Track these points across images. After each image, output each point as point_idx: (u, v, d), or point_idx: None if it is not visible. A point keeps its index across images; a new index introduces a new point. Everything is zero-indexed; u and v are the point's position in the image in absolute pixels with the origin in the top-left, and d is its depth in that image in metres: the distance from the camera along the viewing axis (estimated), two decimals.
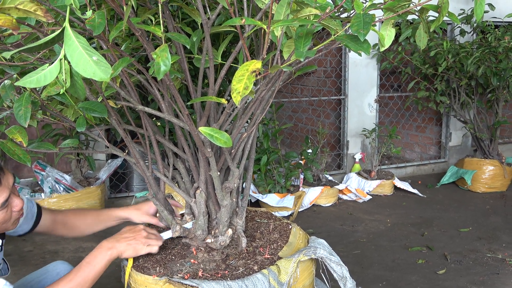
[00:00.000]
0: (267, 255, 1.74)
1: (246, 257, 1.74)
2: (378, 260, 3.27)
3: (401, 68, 5.32)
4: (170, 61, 1.09)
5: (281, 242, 1.84)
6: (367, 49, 1.04)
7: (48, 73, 0.95)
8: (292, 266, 1.62)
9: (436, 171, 5.87)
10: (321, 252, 1.72)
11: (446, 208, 4.46)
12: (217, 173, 1.65)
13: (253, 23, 1.03)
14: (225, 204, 1.72)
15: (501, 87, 4.81)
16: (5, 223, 1.43)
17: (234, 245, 1.81)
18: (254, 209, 2.19)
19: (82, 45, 0.91)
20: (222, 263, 1.71)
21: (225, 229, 1.77)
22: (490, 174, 4.96)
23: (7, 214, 1.42)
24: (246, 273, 1.62)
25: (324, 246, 1.79)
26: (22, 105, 1.38)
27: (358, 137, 5.35)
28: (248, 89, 0.96)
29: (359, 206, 4.55)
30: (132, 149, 1.77)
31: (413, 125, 6.38)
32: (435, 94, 5.18)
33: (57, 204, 3.72)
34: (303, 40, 1.07)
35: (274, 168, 4.32)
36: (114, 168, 4.10)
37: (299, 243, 1.85)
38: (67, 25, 0.90)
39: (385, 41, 1.34)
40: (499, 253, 3.37)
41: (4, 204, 1.40)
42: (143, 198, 4.45)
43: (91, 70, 0.91)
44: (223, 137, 1.21)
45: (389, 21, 1.31)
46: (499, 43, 4.47)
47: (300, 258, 1.66)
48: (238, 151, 1.72)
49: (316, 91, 6.30)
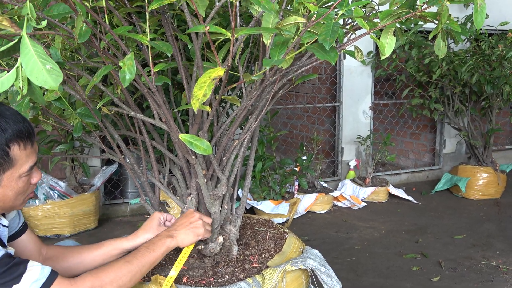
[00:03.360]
0: (255, 264, 1.72)
1: (234, 265, 1.73)
2: (372, 267, 3.27)
3: (396, 75, 5.35)
4: (135, 69, 1.11)
5: (274, 251, 1.82)
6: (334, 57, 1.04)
7: (5, 80, 0.99)
8: (276, 276, 1.59)
9: (431, 178, 5.88)
10: (310, 263, 1.69)
11: (440, 215, 4.47)
12: (203, 180, 1.65)
13: (217, 30, 1.04)
14: (214, 211, 1.72)
15: (495, 94, 4.84)
16: (20, 194, 1.38)
17: (227, 253, 1.81)
18: (256, 218, 2.18)
19: (38, 54, 0.95)
20: (210, 270, 1.70)
21: (215, 236, 1.77)
22: (484, 181, 4.98)
23: (26, 184, 1.38)
24: (231, 281, 1.61)
25: (317, 256, 1.77)
26: (21, 110, 1.44)
27: (353, 144, 5.36)
28: (206, 96, 0.96)
29: (353, 213, 4.56)
30: (128, 154, 1.77)
31: (407, 132, 6.40)
32: (429, 102, 5.21)
33: (51, 211, 3.71)
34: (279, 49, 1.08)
35: (269, 175, 4.32)
36: (109, 174, 4.09)
37: (292, 252, 1.83)
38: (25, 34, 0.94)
39: (385, 49, 1.32)
40: (493, 260, 3.38)
41: (31, 168, 1.37)
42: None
43: (42, 78, 0.96)
44: (203, 145, 1.21)
45: (389, 29, 1.30)
46: (492, 51, 4.50)
47: (286, 268, 1.63)
48: (230, 158, 1.72)
49: (311, 98, 6.32)
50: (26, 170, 1.35)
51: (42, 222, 3.73)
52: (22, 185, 1.37)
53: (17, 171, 1.33)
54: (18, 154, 1.31)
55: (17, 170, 1.33)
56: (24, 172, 1.35)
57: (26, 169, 1.35)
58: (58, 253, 1.64)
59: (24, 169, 1.35)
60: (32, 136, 1.35)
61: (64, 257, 1.64)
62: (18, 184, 1.36)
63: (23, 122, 1.32)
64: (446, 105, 5.20)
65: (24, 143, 1.32)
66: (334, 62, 1.05)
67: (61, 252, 1.65)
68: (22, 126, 1.31)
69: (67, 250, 1.66)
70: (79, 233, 3.88)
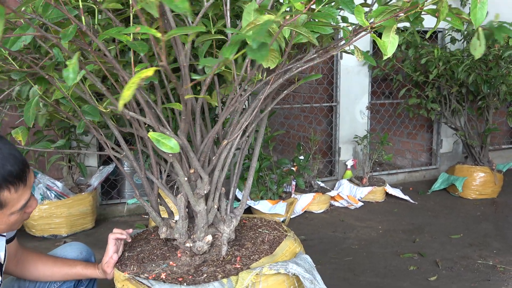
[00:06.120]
0: (237, 265, 1.71)
1: (219, 264, 1.73)
2: (370, 267, 3.28)
3: (393, 75, 5.35)
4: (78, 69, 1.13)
5: (265, 254, 1.79)
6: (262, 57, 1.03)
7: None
8: (249, 278, 1.57)
9: (427, 178, 5.89)
10: (294, 268, 1.65)
11: (437, 215, 4.48)
12: (184, 178, 1.66)
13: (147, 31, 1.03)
14: (199, 209, 1.73)
15: (492, 94, 4.85)
16: (14, 225, 1.38)
17: (217, 252, 1.81)
18: (268, 220, 2.13)
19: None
20: (193, 268, 1.71)
21: (203, 235, 1.77)
22: (481, 180, 4.99)
23: (20, 216, 1.38)
24: (207, 280, 1.60)
25: (306, 262, 1.73)
26: (30, 108, 1.53)
27: (350, 144, 5.36)
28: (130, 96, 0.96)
29: (350, 213, 4.56)
30: (127, 151, 1.78)
31: (404, 132, 6.41)
32: (426, 101, 5.21)
33: (48, 211, 3.70)
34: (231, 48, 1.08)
35: (266, 174, 4.32)
36: (106, 174, 4.09)
37: (283, 256, 1.79)
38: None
39: (387, 49, 1.26)
40: (490, 260, 3.38)
41: (24, 206, 1.35)
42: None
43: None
44: (170, 143, 1.21)
45: (390, 27, 1.25)
46: (489, 50, 4.51)
47: (263, 271, 1.60)
48: (220, 158, 1.72)
49: (308, 98, 6.32)
50: (18, 208, 1.34)
51: (39, 222, 3.72)
52: (15, 219, 1.36)
53: (9, 211, 1.32)
54: (8, 198, 1.29)
55: (8, 210, 1.32)
56: (16, 210, 1.34)
57: (18, 208, 1.34)
58: (31, 259, 1.73)
59: (16, 208, 1.33)
60: (24, 175, 1.32)
61: (36, 265, 1.72)
62: (10, 219, 1.35)
63: (14, 162, 1.28)
64: (443, 104, 5.21)
65: (15, 186, 1.29)
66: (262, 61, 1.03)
67: (35, 260, 1.74)
68: (13, 167, 1.27)
69: (40, 259, 1.75)
70: (76, 233, 3.87)
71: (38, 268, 1.72)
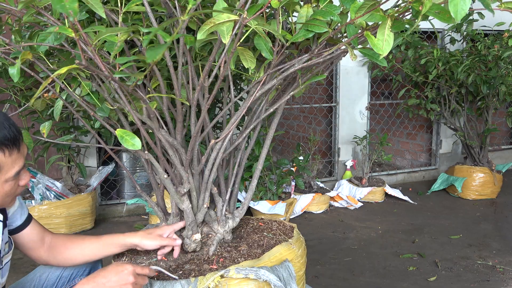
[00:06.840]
0: (214, 266, 1.69)
1: (200, 263, 1.72)
2: (369, 267, 3.28)
3: (392, 75, 5.36)
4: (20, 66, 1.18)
5: (252, 258, 1.74)
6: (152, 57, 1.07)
7: None
8: (212, 279, 1.54)
9: (427, 178, 5.90)
10: (265, 275, 1.59)
11: (437, 215, 4.48)
12: (163, 176, 1.68)
13: (63, 31, 1.07)
14: (183, 207, 1.74)
15: (491, 95, 4.85)
16: (8, 196, 1.39)
17: (206, 251, 1.81)
18: (283, 224, 2.08)
19: None
20: (176, 265, 1.72)
21: (190, 233, 1.77)
22: (480, 181, 5.00)
23: (14, 187, 1.39)
24: (179, 277, 1.60)
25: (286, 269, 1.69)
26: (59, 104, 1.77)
27: (349, 144, 5.36)
28: None
29: (350, 213, 4.56)
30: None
31: (403, 132, 6.41)
32: (425, 102, 5.22)
33: (48, 211, 3.70)
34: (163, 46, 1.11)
35: (265, 175, 4.32)
36: (105, 175, 4.09)
37: (269, 261, 1.72)
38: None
39: (382, 47, 1.18)
40: (489, 260, 3.38)
41: (18, 173, 1.37)
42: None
43: None
44: (133, 140, 1.24)
45: (385, 24, 1.18)
46: (488, 51, 4.51)
47: (230, 274, 1.57)
48: (210, 158, 1.72)
49: (307, 98, 6.32)
50: (12, 175, 1.35)
51: None
52: (8, 189, 1.37)
53: (3, 176, 1.34)
54: (3, 161, 1.31)
55: (2, 176, 1.33)
56: (10, 177, 1.35)
57: (12, 174, 1.35)
58: (61, 241, 1.69)
59: (10, 174, 1.34)
60: (18, 141, 1.35)
61: (66, 246, 1.68)
62: (4, 187, 1.36)
63: (9, 128, 1.31)
64: (442, 105, 5.22)
65: (9, 149, 1.31)
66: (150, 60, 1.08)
67: (64, 241, 1.69)
68: (8, 132, 1.30)
69: (69, 240, 1.70)
70: (75, 233, 3.87)
71: (68, 249, 1.68)
